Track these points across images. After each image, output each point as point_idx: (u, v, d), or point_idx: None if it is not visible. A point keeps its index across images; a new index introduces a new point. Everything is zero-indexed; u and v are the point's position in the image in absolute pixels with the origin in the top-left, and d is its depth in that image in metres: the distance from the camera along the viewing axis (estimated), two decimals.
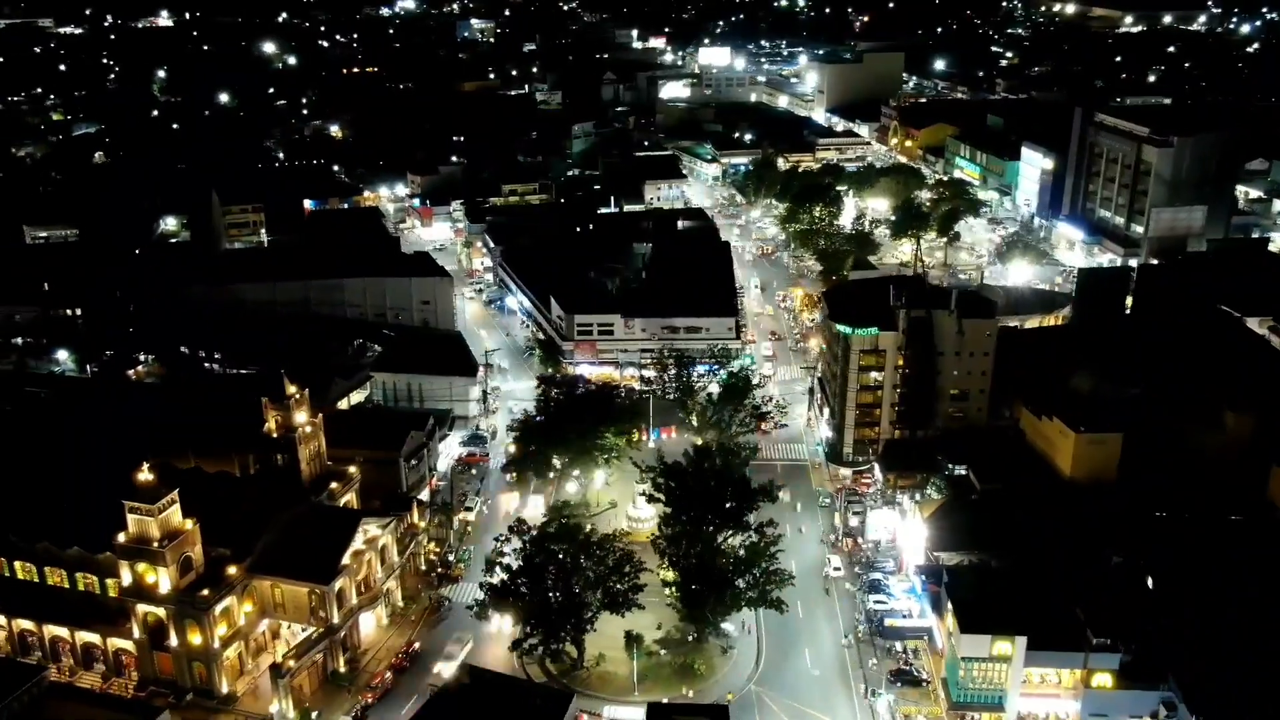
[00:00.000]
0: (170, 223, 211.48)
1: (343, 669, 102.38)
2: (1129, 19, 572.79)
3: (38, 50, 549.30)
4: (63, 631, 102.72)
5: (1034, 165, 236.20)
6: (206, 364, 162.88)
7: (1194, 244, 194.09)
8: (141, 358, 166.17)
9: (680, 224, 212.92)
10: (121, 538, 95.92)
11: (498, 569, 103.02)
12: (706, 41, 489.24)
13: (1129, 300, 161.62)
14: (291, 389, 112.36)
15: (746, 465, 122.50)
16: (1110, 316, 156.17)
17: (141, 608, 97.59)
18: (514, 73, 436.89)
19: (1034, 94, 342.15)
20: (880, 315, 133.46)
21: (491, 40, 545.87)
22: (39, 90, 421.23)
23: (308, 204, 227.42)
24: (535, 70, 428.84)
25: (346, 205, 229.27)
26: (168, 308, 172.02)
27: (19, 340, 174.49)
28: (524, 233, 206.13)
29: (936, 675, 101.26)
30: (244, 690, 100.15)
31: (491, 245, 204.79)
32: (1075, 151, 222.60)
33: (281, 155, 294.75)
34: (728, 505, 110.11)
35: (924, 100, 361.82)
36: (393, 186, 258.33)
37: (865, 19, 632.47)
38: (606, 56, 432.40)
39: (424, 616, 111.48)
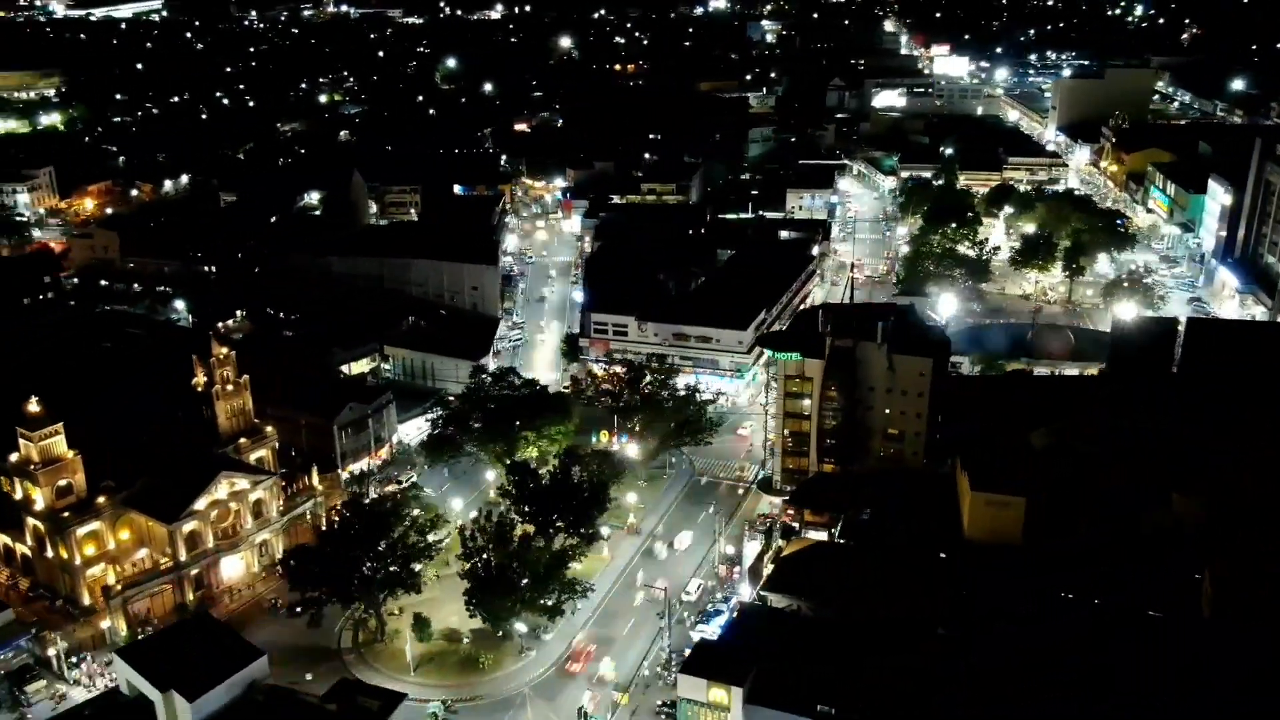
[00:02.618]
0: (314, 196, 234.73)
1: (190, 603, 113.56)
2: None
3: (373, 37, 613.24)
4: None
5: (1217, 200, 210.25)
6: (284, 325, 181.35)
7: None
8: (237, 314, 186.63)
9: (783, 234, 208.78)
10: (13, 457, 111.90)
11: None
12: (1001, 51, 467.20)
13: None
14: (220, 350, 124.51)
15: (620, 476, 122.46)
16: (1149, 373, 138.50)
17: (30, 520, 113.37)
18: (772, 74, 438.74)
19: None
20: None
21: (773, 41, 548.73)
22: (344, 73, 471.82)
23: (457, 189, 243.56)
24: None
25: (490, 193, 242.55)
26: (270, 271, 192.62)
27: (160, 288, 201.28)
28: (629, 231, 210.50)
29: None
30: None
31: (591, 240, 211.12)
32: (1251, 187, 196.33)
33: (489, 144, 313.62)
34: (570, 513, 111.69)
35: (1179, 122, 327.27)
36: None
37: (1196, 30, 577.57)
38: (862, 63, 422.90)
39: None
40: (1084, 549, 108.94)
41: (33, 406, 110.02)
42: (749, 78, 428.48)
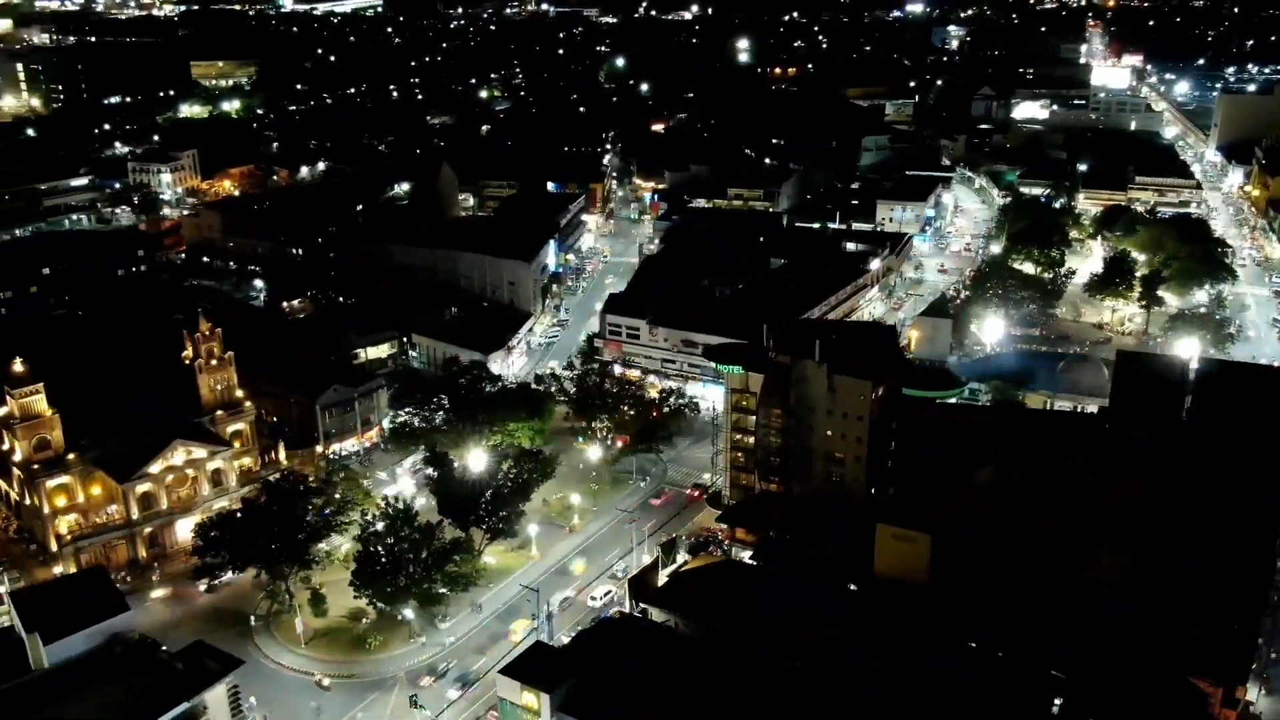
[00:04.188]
0: (405, 187, 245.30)
1: (143, 558, 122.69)
2: None
3: (561, 35, 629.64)
4: None
5: None
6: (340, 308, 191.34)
7: None
8: (307, 295, 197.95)
9: (850, 246, 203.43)
10: (2, 412, 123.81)
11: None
12: (1202, 62, 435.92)
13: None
14: (205, 326, 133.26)
15: (549, 476, 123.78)
16: (1154, 415, 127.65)
17: (15, 470, 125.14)
18: (938, 82, 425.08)
19: None
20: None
21: (954, 48, 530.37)
22: (517, 68, 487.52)
23: (550, 186, 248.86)
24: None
25: (580, 192, 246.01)
26: (345, 257, 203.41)
27: (252, 268, 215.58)
28: (696, 235, 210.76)
29: None
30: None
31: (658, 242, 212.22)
32: None
33: (613, 144, 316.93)
34: (480, 508, 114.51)
35: None
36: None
37: None
38: (1030, 72, 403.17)
39: None
40: (997, 594, 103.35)
41: (17, 366, 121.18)
42: (912, 84, 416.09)
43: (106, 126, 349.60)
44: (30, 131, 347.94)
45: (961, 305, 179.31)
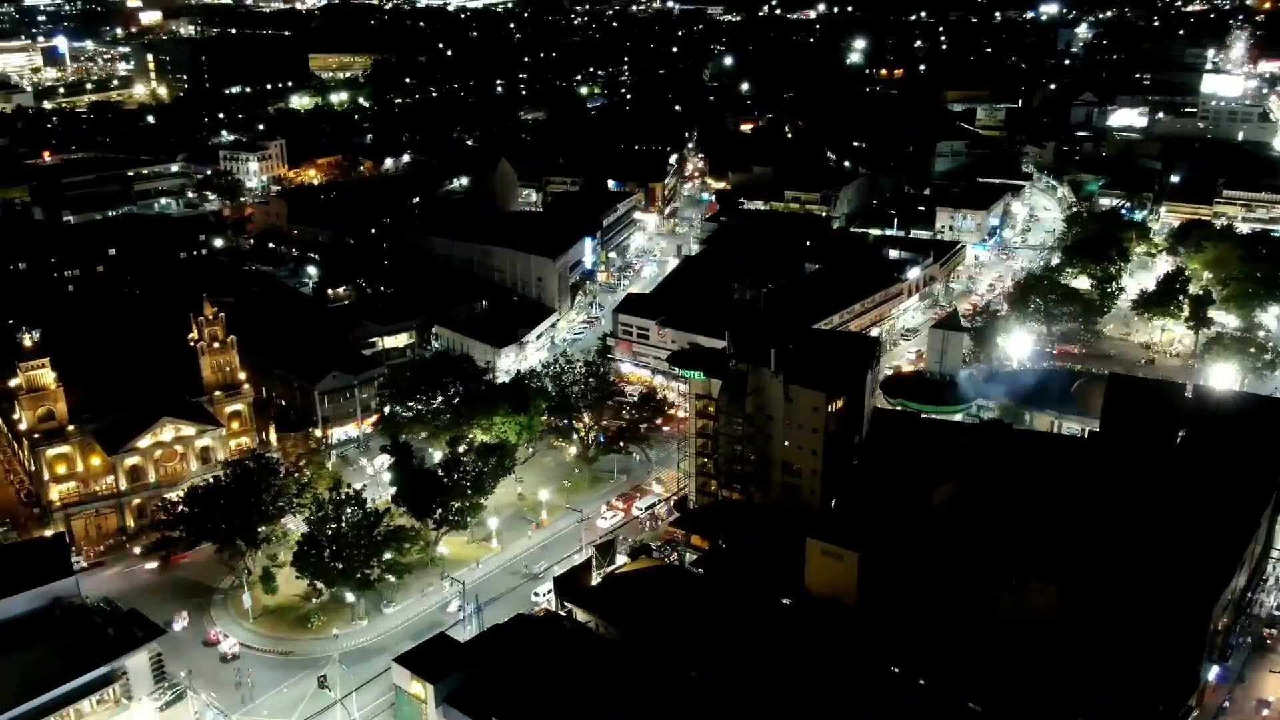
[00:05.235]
0: (464, 181, 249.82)
1: (130, 528, 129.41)
2: None
3: (680, 33, 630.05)
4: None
5: None
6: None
7: None
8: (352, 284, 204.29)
9: (893, 253, 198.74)
10: (12, 383, 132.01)
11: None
12: None
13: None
14: (209, 311, 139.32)
15: (509, 472, 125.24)
16: (1146, 442, 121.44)
17: (23, 437, 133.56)
18: (1051, 86, 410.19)
19: None
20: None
21: (1077, 50, 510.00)
22: (625, 65, 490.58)
23: (611, 184, 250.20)
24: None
25: (638, 190, 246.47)
26: (394, 248, 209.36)
27: (311, 255, 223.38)
28: (740, 237, 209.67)
29: None
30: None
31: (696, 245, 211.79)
32: None
33: (694, 144, 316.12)
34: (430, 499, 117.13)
35: None
36: None
37: None
38: (1147, 77, 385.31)
39: None
40: (934, 617, 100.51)
41: (26, 341, 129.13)
42: (1022, 88, 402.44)
43: (220, 115, 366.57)
44: (150, 119, 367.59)
45: (988, 317, 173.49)
